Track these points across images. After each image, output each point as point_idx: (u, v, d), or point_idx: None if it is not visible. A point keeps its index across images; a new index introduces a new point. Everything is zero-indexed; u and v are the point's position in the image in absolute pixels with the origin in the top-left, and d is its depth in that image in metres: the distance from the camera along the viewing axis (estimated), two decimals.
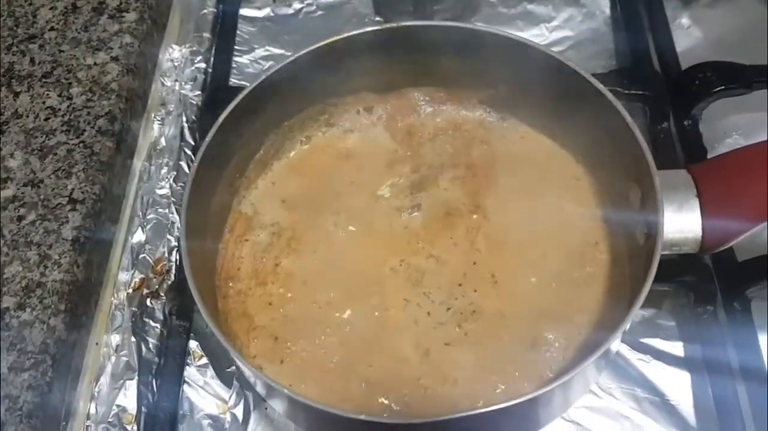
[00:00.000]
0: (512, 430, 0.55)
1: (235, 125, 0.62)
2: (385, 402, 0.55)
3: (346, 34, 0.65)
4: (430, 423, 0.45)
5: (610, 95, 0.59)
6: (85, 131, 0.70)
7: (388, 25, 0.65)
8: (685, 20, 0.86)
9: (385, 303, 0.61)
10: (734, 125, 0.77)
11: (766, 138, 0.58)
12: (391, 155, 0.69)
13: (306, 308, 0.62)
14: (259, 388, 0.55)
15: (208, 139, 0.59)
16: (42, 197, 0.66)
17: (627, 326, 0.52)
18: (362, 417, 0.46)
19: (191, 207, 0.57)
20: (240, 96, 0.62)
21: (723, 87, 0.75)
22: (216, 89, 0.82)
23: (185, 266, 0.53)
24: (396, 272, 0.63)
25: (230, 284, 0.63)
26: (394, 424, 0.47)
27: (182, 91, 0.84)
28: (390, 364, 0.58)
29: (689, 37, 0.85)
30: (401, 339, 0.59)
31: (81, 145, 0.69)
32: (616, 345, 0.55)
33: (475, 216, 0.65)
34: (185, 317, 0.68)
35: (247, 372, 0.52)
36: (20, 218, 0.65)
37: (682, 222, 0.55)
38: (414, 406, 0.55)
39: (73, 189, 0.66)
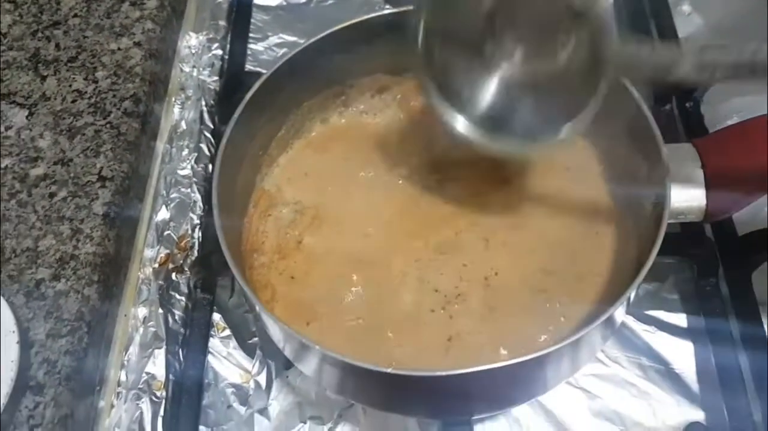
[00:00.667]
0: (523, 388, 0.57)
1: (258, 105, 0.64)
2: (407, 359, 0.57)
3: (362, 17, 0.67)
4: (453, 376, 0.47)
5: None
6: (111, 112, 0.72)
7: (401, 9, 0.67)
8: (686, 7, 0.89)
9: (407, 278, 0.62)
10: (735, 107, 0.79)
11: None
12: (406, 135, 0.71)
13: (327, 282, 0.63)
14: (288, 350, 0.57)
15: (235, 117, 0.61)
16: (72, 174, 0.68)
17: (632, 293, 0.53)
18: (389, 370, 0.48)
19: (220, 183, 0.59)
20: (264, 77, 0.64)
21: None
22: (233, 75, 0.84)
23: (219, 235, 0.55)
24: (418, 248, 0.64)
25: (254, 257, 0.65)
26: (418, 376, 0.49)
27: (200, 76, 0.86)
28: (411, 332, 0.60)
29: (690, 23, 0.88)
30: (423, 310, 0.61)
31: (108, 126, 0.71)
32: (621, 313, 0.56)
33: (499, 193, 0.66)
34: (209, 290, 0.70)
35: (277, 331, 0.54)
36: (52, 195, 0.67)
37: (687, 192, 0.58)
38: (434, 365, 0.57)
39: (101, 167, 0.69)
